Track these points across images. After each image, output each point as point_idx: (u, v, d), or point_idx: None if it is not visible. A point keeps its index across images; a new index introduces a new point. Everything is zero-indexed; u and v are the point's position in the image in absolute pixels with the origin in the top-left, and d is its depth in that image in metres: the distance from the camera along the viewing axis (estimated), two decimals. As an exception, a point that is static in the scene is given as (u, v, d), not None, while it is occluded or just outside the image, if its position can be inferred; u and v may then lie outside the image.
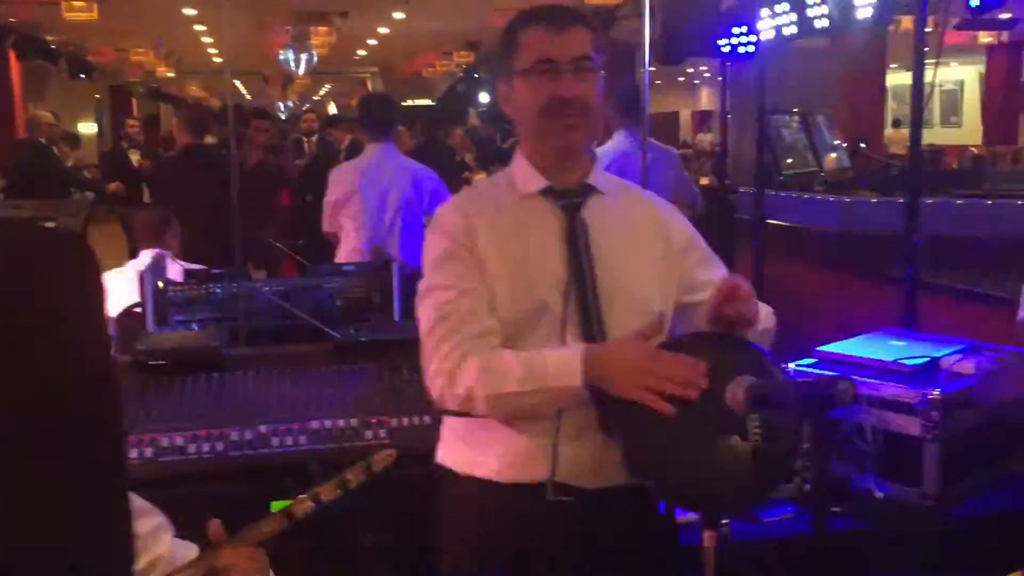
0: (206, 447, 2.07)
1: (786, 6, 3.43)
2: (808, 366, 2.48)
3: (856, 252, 4.33)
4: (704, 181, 8.24)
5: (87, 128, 21.20)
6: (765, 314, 1.79)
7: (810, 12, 3.33)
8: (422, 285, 1.80)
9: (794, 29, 3.51)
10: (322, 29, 12.35)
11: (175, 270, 4.11)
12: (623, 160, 4.49)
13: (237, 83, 23.55)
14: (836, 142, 5.55)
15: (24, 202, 5.58)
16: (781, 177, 4.85)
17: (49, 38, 14.30)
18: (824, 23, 3.33)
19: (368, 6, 11.33)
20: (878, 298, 3.82)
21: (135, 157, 8.97)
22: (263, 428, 2.15)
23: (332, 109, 22.44)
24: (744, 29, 3.83)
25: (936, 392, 2.19)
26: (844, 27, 3.93)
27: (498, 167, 9.67)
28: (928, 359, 2.39)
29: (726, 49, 4.02)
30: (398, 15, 12.12)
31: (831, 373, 2.44)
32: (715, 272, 1.90)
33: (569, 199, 1.81)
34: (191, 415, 2.18)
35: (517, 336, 1.74)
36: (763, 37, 3.73)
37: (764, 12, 3.62)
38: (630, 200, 1.91)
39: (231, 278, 3.75)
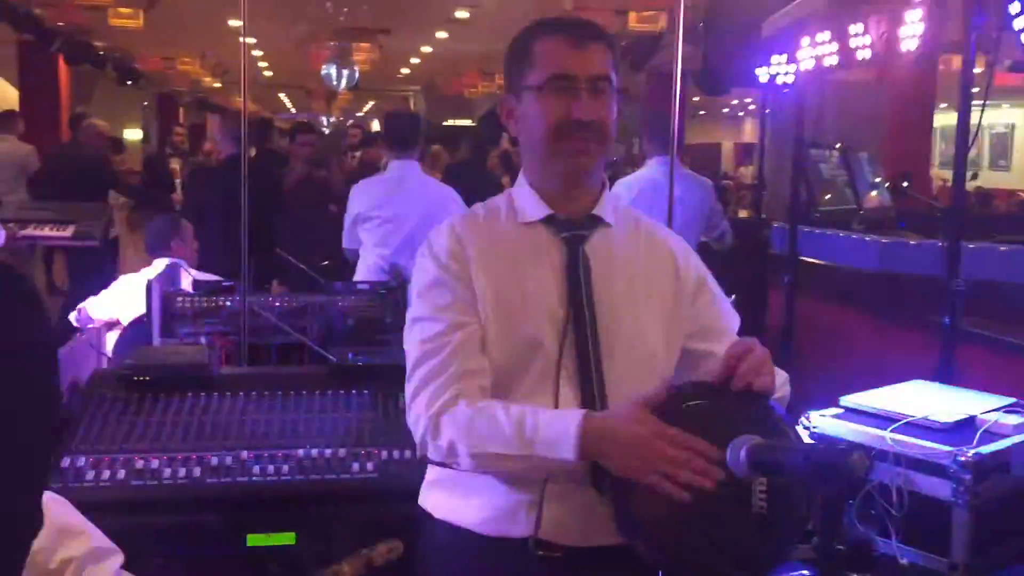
0: (182, 472, 1.95)
1: (827, 35, 3.28)
2: (831, 417, 2.32)
3: (893, 295, 4.14)
4: (743, 214, 8.07)
5: (133, 134, 21.44)
6: (781, 381, 1.63)
7: (852, 43, 3.18)
8: (410, 313, 1.68)
9: (835, 60, 3.36)
10: (364, 45, 12.37)
11: (188, 280, 4.04)
12: (652, 189, 4.37)
13: (282, 96, 23.75)
14: (877, 180, 5.36)
15: (49, 204, 5.55)
16: (817, 213, 4.68)
17: (97, 44, 14.46)
18: (866, 54, 3.18)
19: (411, 24, 11.32)
20: (914, 345, 3.64)
21: (176, 165, 8.97)
22: (244, 454, 2.03)
23: (375, 126, 22.53)
24: (784, 58, 3.68)
25: (970, 452, 2.01)
26: (888, 60, 3.79)
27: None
28: (964, 416, 2.21)
29: (764, 79, 3.87)
30: (441, 34, 12.11)
31: (853, 425, 2.28)
32: (727, 320, 1.75)
33: (573, 230, 1.67)
34: (171, 436, 2.07)
35: (507, 378, 1.61)
36: (803, 67, 3.58)
37: (804, 41, 3.47)
38: (640, 234, 1.76)
39: (240, 292, 3.67)
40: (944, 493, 2.01)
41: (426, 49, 14.08)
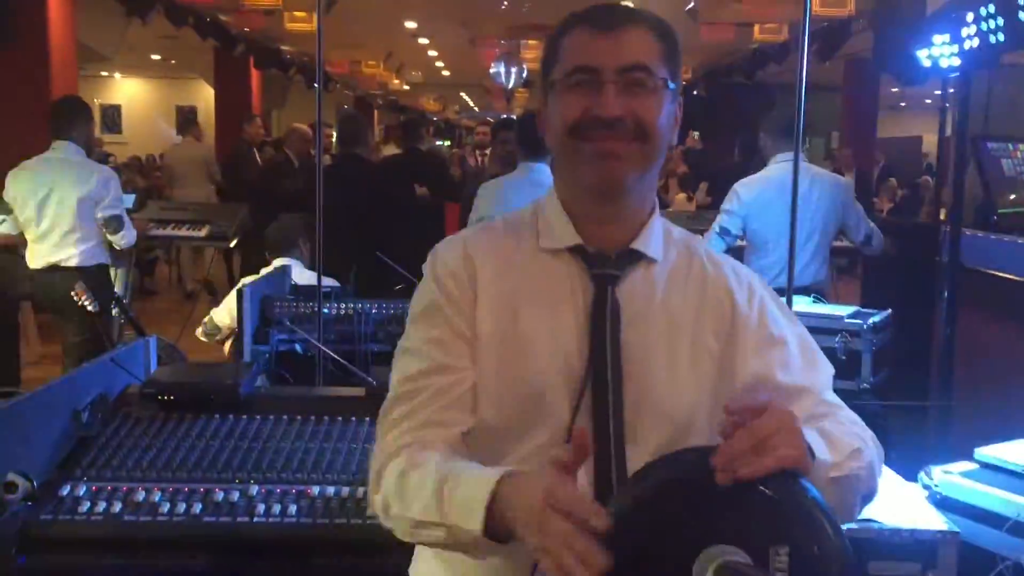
0: (181, 507, 1.77)
1: (991, 7, 2.76)
2: (959, 475, 1.88)
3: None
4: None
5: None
6: (846, 453, 1.25)
7: None
8: (401, 340, 1.41)
9: (1001, 37, 2.83)
10: (533, 43, 12.20)
11: (302, 280, 3.96)
12: (777, 187, 3.94)
13: (463, 95, 24.10)
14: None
15: (188, 204, 5.66)
16: (995, 216, 4.07)
17: (285, 48, 15.05)
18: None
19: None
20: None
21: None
22: (254, 489, 1.83)
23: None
24: (946, 37, 3.16)
25: None
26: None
27: (701, 189, 9.10)
28: None
29: (926, 63, 3.35)
30: (610, 29, 11.75)
31: (985, 487, 1.83)
32: (802, 376, 1.36)
33: (604, 268, 1.34)
34: (181, 464, 1.90)
35: (504, 441, 1.30)
36: (967, 47, 3.06)
37: (969, 17, 2.95)
38: (692, 268, 1.39)
39: (337, 297, 3.54)
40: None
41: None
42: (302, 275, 4.03)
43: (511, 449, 1.30)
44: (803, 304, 3.73)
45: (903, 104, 21.85)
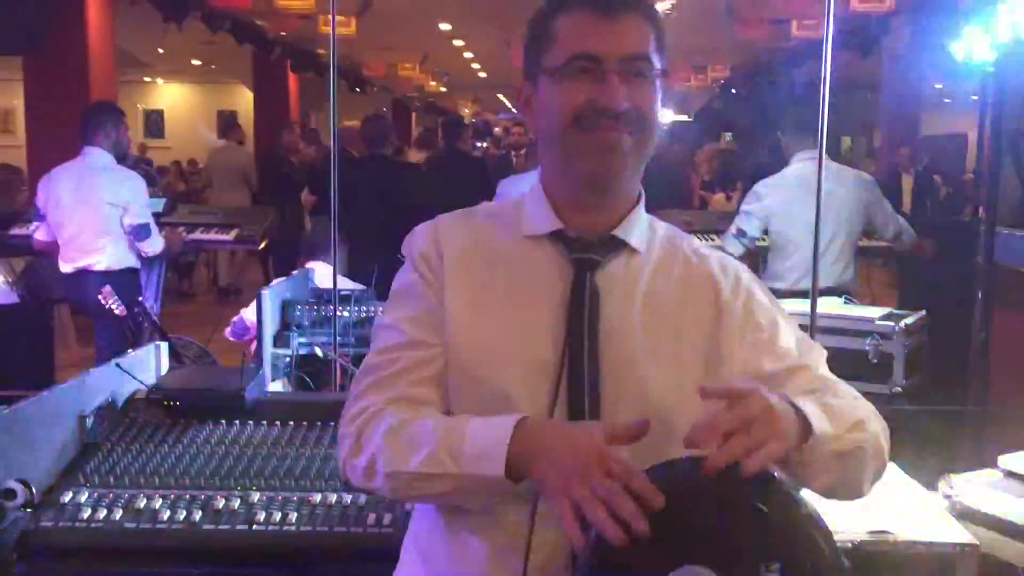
0: (181, 515, 1.76)
1: (1023, -1, 2.67)
2: (980, 484, 1.81)
3: None
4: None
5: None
6: (849, 424, 1.21)
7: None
8: (378, 318, 1.42)
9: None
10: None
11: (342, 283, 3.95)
12: (800, 186, 3.86)
13: (501, 96, 24.09)
14: None
15: (218, 208, 5.69)
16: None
17: (321, 52, 15.14)
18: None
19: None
20: None
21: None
22: (255, 497, 1.81)
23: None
24: (978, 29, 3.07)
25: None
26: None
27: (738, 189, 8.97)
28: None
29: (959, 56, 3.26)
30: (645, 28, 11.67)
31: (1006, 496, 1.76)
32: (791, 360, 1.33)
33: (584, 252, 1.33)
34: (184, 471, 1.88)
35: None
36: (1001, 39, 2.96)
37: (1001, 8, 2.86)
38: (676, 262, 1.37)
39: (359, 301, 3.52)
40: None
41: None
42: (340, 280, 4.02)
43: None
44: (833, 305, 3.65)
45: (947, 100, 21.43)
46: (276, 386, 3.39)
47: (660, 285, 1.34)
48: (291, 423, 2.06)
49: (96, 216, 4.68)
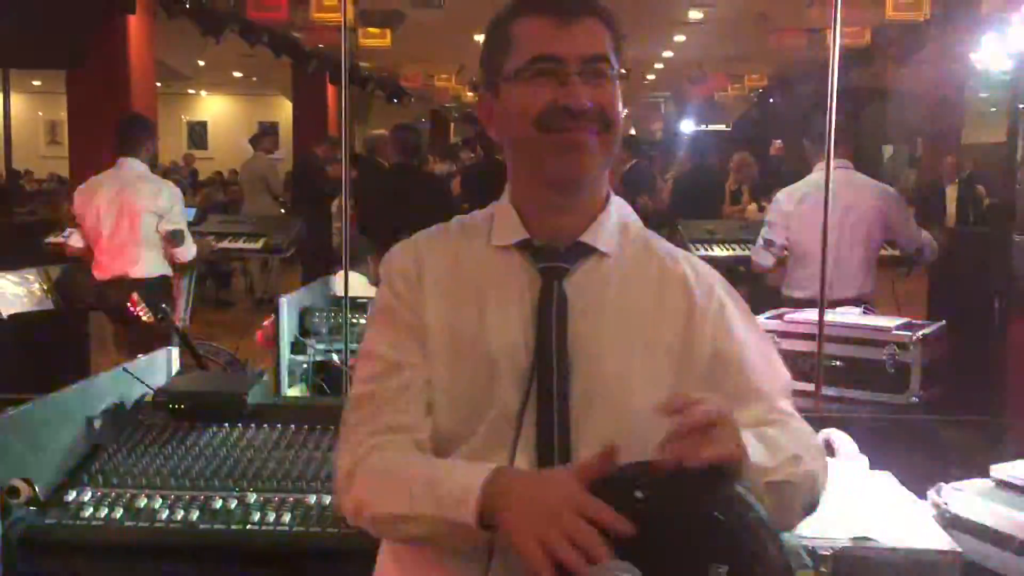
0: (179, 515, 1.81)
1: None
2: (971, 493, 1.80)
3: None
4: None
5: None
6: (784, 458, 1.23)
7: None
8: (360, 343, 1.44)
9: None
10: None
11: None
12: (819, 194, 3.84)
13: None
14: None
15: (248, 217, 5.78)
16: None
17: (363, 65, 15.31)
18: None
19: (644, 29, 11.00)
20: None
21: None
22: (252, 497, 1.87)
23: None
24: (996, 38, 3.04)
25: None
26: None
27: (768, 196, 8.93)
28: None
29: (979, 65, 3.23)
30: (679, 38, 11.68)
31: (998, 507, 1.75)
32: (757, 379, 1.35)
33: (551, 261, 1.34)
34: (185, 472, 1.94)
35: (454, 438, 1.31)
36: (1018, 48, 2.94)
37: (1016, 18, 2.83)
38: (649, 264, 1.38)
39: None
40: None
41: (667, 54, 13.67)
42: (367, 290, 4.09)
43: (464, 441, 1.30)
44: (851, 315, 3.63)
45: (993, 109, 21.09)
46: (294, 391, 3.45)
47: (632, 288, 1.35)
48: (292, 427, 2.11)
49: (134, 224, 4.80)
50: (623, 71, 1.33)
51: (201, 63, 15.69)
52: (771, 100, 15.92)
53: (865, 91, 11.46)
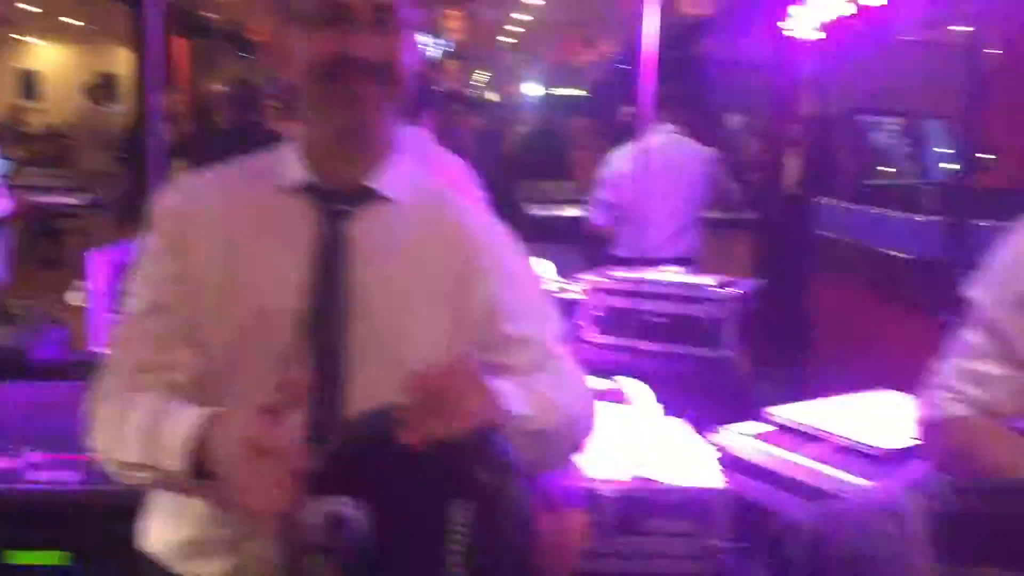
0: None
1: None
2: (742, 434, 1.91)
3: (938, 285, 3.60)
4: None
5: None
6: (545, 406, 1.25)
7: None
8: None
9: (853, 8, 2.86)
10: (455, 13, 12.12)
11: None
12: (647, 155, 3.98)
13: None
14: (952, 153, 4.73)
15: (76, 172, 5.49)
16: (866, 188, 4.14)
17: (204, 14, 14.68)
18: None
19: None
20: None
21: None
22: (36, 457, 1.79)
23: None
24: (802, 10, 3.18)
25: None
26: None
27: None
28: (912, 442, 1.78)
29: (788, 31, 3.37)
30: (538, 1, 11.72)
31: (764, 446, 1.86)
32: (529, 326, 1.37)
33: (335, 204, 1.33)
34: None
35: (221, 380, 1.28)
36: (822, 19, 3.08)
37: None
38: (432, 214, 1.38)
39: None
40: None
41: (526, 17, 13.70)
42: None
43: (230, 380, 1.28)
44: (673, 273, 3.76)
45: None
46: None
47: (419, 235, 1.35)
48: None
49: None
50: (412, 23, 1.31)
51: (33, 9, 14.74)
52: (624, 67, 16.21)
53: (707, 60, 11.76)
